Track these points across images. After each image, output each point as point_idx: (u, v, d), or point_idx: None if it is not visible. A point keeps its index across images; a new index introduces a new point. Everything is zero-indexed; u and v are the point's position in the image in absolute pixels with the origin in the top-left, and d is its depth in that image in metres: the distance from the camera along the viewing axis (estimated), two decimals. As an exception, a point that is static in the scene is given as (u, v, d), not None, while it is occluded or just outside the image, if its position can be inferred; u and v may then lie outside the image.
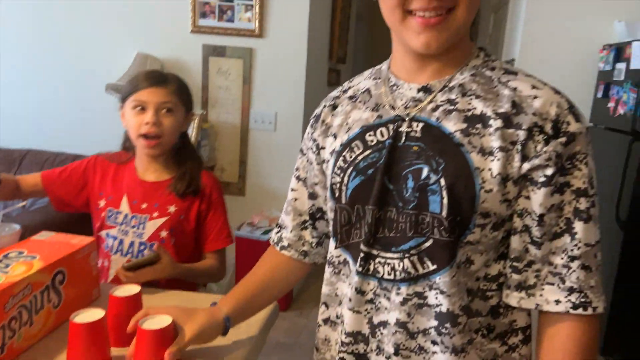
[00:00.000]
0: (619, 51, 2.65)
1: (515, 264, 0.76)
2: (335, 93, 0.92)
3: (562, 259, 0.73)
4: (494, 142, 0.72)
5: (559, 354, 0.75)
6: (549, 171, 0.72)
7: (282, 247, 0.99)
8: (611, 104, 2.67)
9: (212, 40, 2.91)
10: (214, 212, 1.42)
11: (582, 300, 0.73)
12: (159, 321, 0.85)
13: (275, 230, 1.02)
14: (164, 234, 1.36)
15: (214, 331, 0.91)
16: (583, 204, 0.73)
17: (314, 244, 0.98)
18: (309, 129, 0.94)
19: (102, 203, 1.40)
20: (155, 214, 1.36)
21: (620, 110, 2.56)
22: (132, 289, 0.97)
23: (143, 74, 1.36)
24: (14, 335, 0.88)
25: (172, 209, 1.36)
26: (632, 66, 2.46)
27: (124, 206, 1.37)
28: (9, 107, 3.16)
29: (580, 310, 0.73)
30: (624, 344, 2.51)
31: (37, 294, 0.92)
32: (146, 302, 1.00)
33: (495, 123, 0.73)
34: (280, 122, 2.94)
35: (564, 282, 0.73)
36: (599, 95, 2.83)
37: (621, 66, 2.59)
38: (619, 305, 2.49)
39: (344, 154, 0.82)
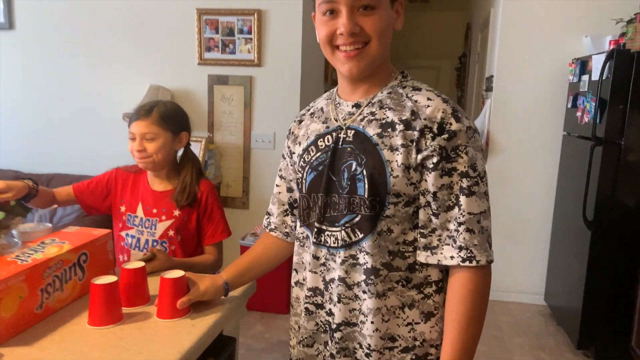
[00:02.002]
0: (583, 64, 2.91)
1: (422, 230, 1.01)
2: (302, 112, 1.22)
3: (454, 225, 0.98)
4: (398, 141, 0.99)
5: (455, 297, 1.00)
6: (435, 159, 0.97)
7: (270, 230, 1.28)
8: (579, 114, 2.91)
9: (216, 70, 3.26)
10: (210, 212, 1.70)
11: (469, 255, 0.97)
12: (176, 274, 1.20)
13: (265, 217, 1.30)
14: (171, 232, 1.66)
15: (217, 292, 1.24)
16: (465, 183, 0.97)
17: (293, 227, 1.26)
18: (286, 140, 1.23)
19: (122, 208, 1.71)
20: (163, 217, 1.66)
21: (585, 119, 2.81)
22: (138, 264, 1.26)
23: (135, 109, 1.66)
24: (49, 297, 1.17)
25: (176, 212, 1.66)
26: (593, 77, 2.72)
27: (139, 211, 1.68)
28: (36, 137, 3.54)
29: (467, 263, 0.97)
30: (598, 337, 2.69)
31: (66, 268, 1.22)
32: (154, 280, 1.29)
33: (399, 127, 0.99)
34: (279, 141, 3.25)
35: (455, 242, 0.98)
36: (569, 105, 3.08)
37: (585, 78, 2.85)
38: (590, 301, 2.67)
39: (304, 156, 1.11)
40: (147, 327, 1.15)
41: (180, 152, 1.74)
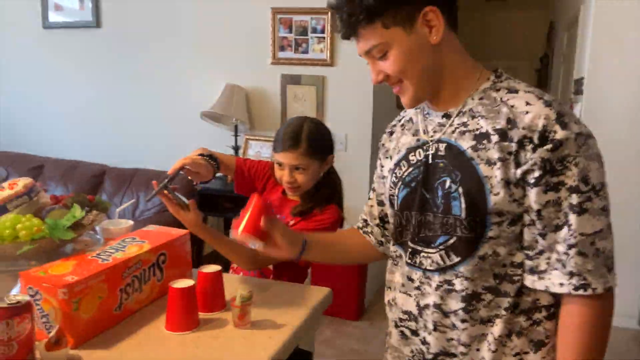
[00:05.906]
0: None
1: (527, 252, 0.90)
2: (393, 122, 1.14)
3: (563, 247, 0.86)
4: (495, 154, 0.88)
5: (569, 328, 0.88)
6: (537, 173, 0.85)
7: (365, 232, 1.19)
8: (685, 119, 2.62)
9: (289, 70, 3.23)
10: (306, 223, 1.53)
11: (582, 282, 0.85)
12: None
13: (361, 219, 1.21)
14: None
15: (294, 242, 1.10)
16: (575, 199, 0.84)
17: (386, 240, 1.17)
18: (378, 151, 1.16)
19: None
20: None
21: (694, 125, 2.51)
22: (215, 267, 1.22)
23: (281, 136, 1.54)
24: (128, 298, 1.15)
25: (291, 222, 1.54)
26: None
27: None
28: (120, 133, 3.69)
29: (581, 292, 0.85)
30: None
31: (145, 268, 1.20)
32: (227, 284, 1.25)
33: (494, 138, 0.88)
34: (351, 142, 3.17)
35: (565, 267, 0.86)
36: (674, 110, 2.78)
37: (695, 80, 2.56)
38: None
39: (395, 171, 1.03)
40: (223, 336, 1.11)
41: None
